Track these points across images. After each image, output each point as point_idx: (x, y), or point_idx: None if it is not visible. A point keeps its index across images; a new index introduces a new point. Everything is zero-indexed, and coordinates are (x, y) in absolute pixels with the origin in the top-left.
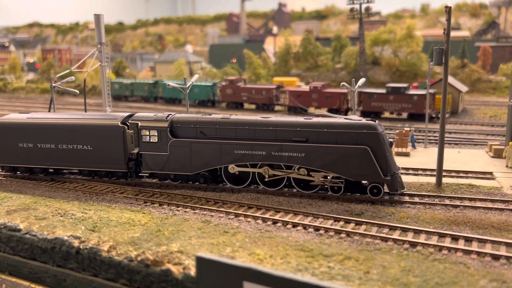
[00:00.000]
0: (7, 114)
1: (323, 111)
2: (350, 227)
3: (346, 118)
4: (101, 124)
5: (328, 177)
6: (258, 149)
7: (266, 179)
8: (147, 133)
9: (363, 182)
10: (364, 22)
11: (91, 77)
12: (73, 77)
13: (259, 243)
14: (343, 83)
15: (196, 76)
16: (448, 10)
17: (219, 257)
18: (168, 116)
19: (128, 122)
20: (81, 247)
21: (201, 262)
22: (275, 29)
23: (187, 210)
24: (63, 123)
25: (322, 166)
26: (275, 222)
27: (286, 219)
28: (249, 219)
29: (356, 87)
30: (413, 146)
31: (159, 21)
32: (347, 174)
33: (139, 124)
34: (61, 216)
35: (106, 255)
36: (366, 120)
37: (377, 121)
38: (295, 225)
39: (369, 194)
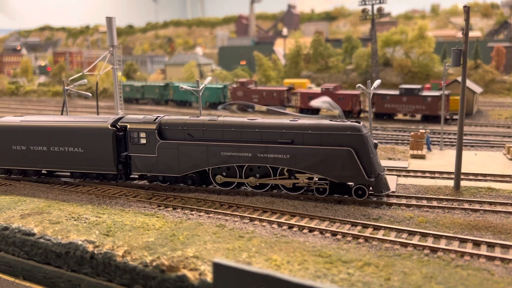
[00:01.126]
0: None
1: (335, 113)
2: (368, 232)
3: (331, 120)
4: (91, 127)
5: (314, 179)
6: (244, 151)
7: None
8: (136, 135)
9: (349, 183)
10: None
11: (101, 80)
12: (85, 80)
13: (275, 249)
14: (359, 84)
15: (208, 79)
16: (466, 10)
17: (237, 263)
18: (156, 118)
19: (118, 125)
20: (95, 252)
21: (218, 268)
22: (285, 31)
23: (201, 214)
24: (55, 125)
25: (306, 168)
26: (291, 226)
27: (302, 223)
28: (264, 224)
29: (371, 88)
30: (429, 149)
31: (169, 24)
32: (331, 175)
33: (128, 127)
34: (75, 220)
35: (121, 260)
36: (351, 121)
37: (361, 123)
38: (311, 229)
39: (354, 195)
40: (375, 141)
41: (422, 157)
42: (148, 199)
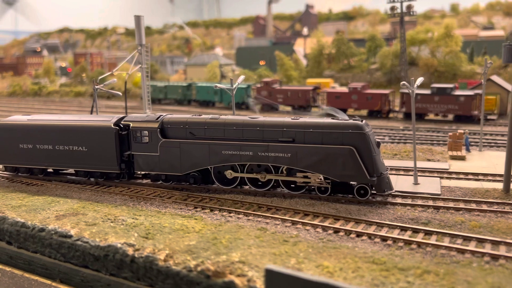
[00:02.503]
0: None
1: (363, 113)
2: (419, 237)
3: (333, 118)
4: (95, 126)
5: (318, 179)
6: (246, 150)
7: (263, 181)
8: (139, 134)
9: (352, 183)
10: (394, 23)
11: (123, 81)
12: (115, 79)
13: (324, 254)
14: (403, 82)
15: (242, 77)
16: None
17: (291, 270)
18: (159, 117)
19: (121, 124)
20: (136, 255)
21: (271, 275)
22: (305, 30)
23: (240, 216)
24: (60, 124)
25: (307, 167)
26: (336, 231)
27: (348, 227)
28: (307, 227)
29: (415, 85)
30: (467, 150)
31: (186, 25)
32: (333, 174)
33: (131, 125)
34: (112, 222)
35: (163, 264)
36: (353, 119)
37: (364, 121)
38: (359, 234)
39: (356, 195)
40: (378, 139)
41: (462, 158)
42: (183, 200)
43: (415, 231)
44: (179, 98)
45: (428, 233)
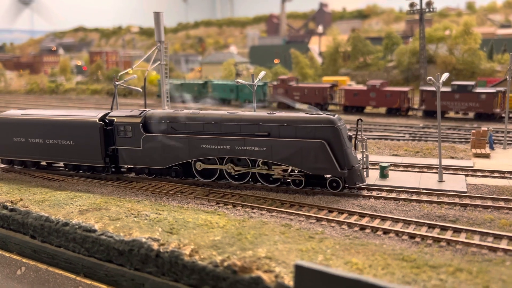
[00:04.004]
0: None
1: (381, 110)
2: (448, 235)
3: (307, 113)
4: (81, 121)
5: (281, 171)
6: (223, 144)
7: (233, 174)
8: (122, 128)
9: (326, 176)
10: (409, 21)
11: (138, 79)
12: (135, 75)
13: (352, 251)
14: (430, 77)
15: (262, 73)
16: None
17: (321, 266)
18: (142, 112)
19: (106, 119)
20: (161, 250)
21: (301, 271)
22: (320, 29)
23: (263, 212)
24: (49, 119)
25: (282, 160)
26: (362, 228)
27: (374, 224)
28: (333, 224)
29: (440, 81)
30: (491, 147)
31: (199, 24)
32: (305, 167)
33: (115, 120)
34: (135, 217)
35: (188, 259)
36: (326, 114)
37: (336, 115)
38: (386, 231)
39: (328, 187)
40: (350, 133)
41: (486, 156)
42: (205, 196)
43: (443, 228)
44: (195, 95)
45: (456, 231)
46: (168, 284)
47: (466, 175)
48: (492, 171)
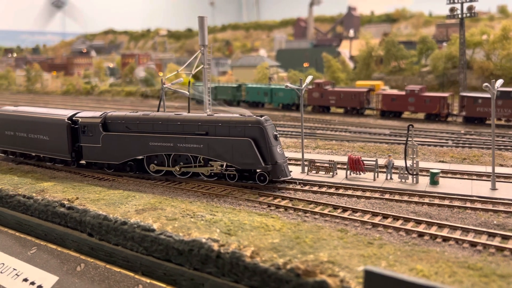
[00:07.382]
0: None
1: (420, 116)
2: (511, 244)
3: (241, 115)
4: (54, 119)
5: (224, 166)
6: (168, 141)
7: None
8: (85, 128)
9: (258, 170)
10: (439, 25)
11: (170, 81)
12: (181, 79)
13: (414, 258)
14: (486, 84)
15: (310, 77)
16: None
17: (392, 272)
18: (102, 114)
19: (74, 118)
20: (221, 250)
21: (370, 276)
22: (351, 32)
23: (316, 216)
24: (31, 116)
25: (217, 156)
26: (420, 234)
27: (433, 231)
28: (389, 230)
29: (496, 87)
30: None
31: (227, 27)
32: (236, 162)
33: (80, 121)
34: (191, 217)
35: (250, 261)
36: (255, 116)
37: (264, 117)
38: (445, 239)
39: (257, 181)
40: (276, 133)
41: None
42: (255, 198)
43: (504, 237)
44: (229, 99)
45: None
46: (229, 285)
47: None
48: None
